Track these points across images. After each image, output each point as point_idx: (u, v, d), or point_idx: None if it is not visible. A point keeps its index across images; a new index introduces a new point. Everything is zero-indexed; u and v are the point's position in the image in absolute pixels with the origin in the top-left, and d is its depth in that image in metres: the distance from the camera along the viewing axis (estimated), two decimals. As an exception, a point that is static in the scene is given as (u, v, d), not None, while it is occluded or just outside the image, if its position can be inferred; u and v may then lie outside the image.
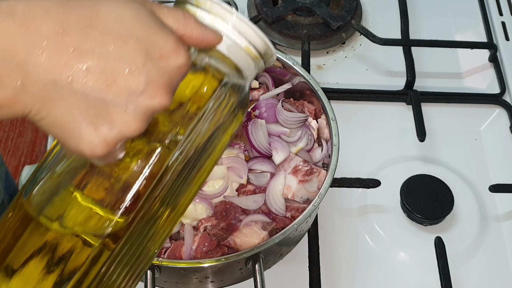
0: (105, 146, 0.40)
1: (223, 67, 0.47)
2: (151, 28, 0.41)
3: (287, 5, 1.02)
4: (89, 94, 0.39)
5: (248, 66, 0.49)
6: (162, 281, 0.70)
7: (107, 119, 0.39)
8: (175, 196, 0.48)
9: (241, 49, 0.48)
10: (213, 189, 0.71)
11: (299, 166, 0.74)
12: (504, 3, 1.09)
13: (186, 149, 0.47)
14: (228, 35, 0.47)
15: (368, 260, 0.80)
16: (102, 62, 0.39)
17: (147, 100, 0.40)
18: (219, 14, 0.47)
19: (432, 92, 0.96)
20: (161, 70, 0.40)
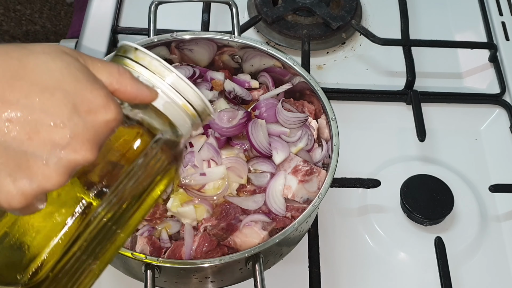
0: (22, 199, 0.39)
1: (157, 123, 0.47)
2: (80, 82, 0.40)
3: (287, 5, 1.02)
4: (10, 145, 0.38)
5: (184, 123, 0.49)
6: (162, 281, 0.70)
7: (27, 171, 0.39)
8: (99, 248, 0.47)
9: (178, 107, 0.48)
10: (214, 189, 0.71)
11: (299, 166, 0.74)
12: (504, 3, 1.09)
13: (113, 202, 0.46)
14: (165, 92, 0.47)
15: (368, 260, 0.80)
16: (26, 114, 0.38)
17: (70, 154, 0.39)
18: (158, 71, 0.47)
19: (432, 92, 0.96)
20: (87, 125, 0.40)
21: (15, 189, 0.39)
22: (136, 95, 0.44)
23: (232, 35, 0.81)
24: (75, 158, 0.40)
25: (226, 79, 0.82)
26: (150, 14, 0.82)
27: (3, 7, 2.06)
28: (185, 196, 0.71)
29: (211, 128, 0.75)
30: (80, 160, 0.40)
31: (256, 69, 0.85)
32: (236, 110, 0.77)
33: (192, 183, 0.71)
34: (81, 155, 0.40)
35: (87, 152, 0.40)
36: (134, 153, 0.46)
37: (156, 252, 0.69)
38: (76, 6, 1.34)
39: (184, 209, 0.70)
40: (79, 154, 0.40)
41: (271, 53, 0.80)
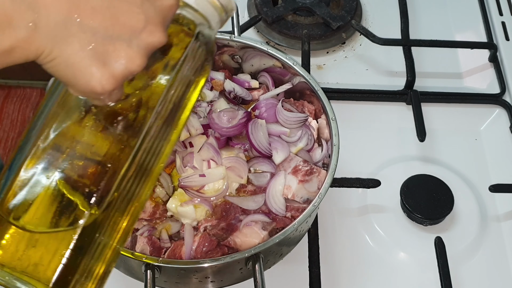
0: (113, 81, 0.42)
1: (194, 18, 0.51)
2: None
3: (287, 5, 1.02)
4: (97, 32, 0.41)
5: (213, 17, 0.53)
6: (162, 281, 0.70)
7: (114, 55, 0.42)
8: (160, 138, 0.51)
9: (207, 1, 0.52)
10: (214, 190, 0.71)
11: (299, 166, 0.74)
12: (504, 3, 1.09)
13: (171, 91, 0.50)
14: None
15: (368, 260, 0.80)
16: (106, 2, 0.42)
17: (147, 36, 0.43)
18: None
19: (432, 92, 0.96)
20: (157, 9, 0.44)
21: (106, 72, 0.42)
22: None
23: (232, 35, 0.81)
24: (152, 40, 0.44)
25: (226, 79, 0.82)
26: (150, 14, 0.82)
27: (3, 7, 2.06)
28: (185, 196, 0.71)
29: (211, 128, 0.75)
30: (156, 42, 0.44)
31: (256, 69, 0.85)
32: (236, 110, 0.77)
33: (192, 184, 0.71)
34: (157, 37, 0.44)
35: (161, 34, 0.44)
36: (182, 45, 0.50)
37: (156, 252, 0.69)
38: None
39: (184, 209, 0.70)
40: (155, 36, 0.44)
41: (271, 53, 0.80)
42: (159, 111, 0.49)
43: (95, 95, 0.43)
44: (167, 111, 0.50)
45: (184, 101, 0.52)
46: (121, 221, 0.50)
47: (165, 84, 0.49)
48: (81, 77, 0.42)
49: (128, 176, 0.48)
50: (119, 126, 0.48)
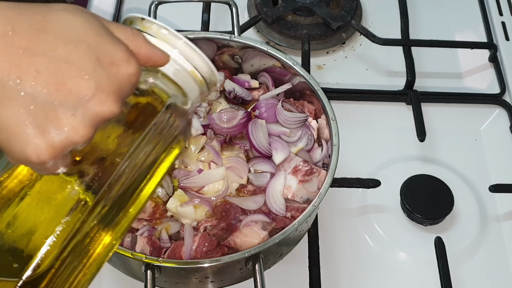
0: (51, 150, 0.39)
1: (168, 89, 0.48)
2: (102, 36, 0.41)
3: (287, 5, 1.02)
4: (38, 96, 0.38)
5: (193, 90, 0.50)
6: (162, 281, 0.70)
7: (55, 123, 0.39)
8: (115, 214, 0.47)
9: (187, 73, 0.48)
10: (213, 190, 0.71)
11: (299, 166, 0.74)
12: (504, 3, 1.09)
13: (127, 169, 0.46)
14: (174, 59, 0.48)
15: (368, 260, 0.80)
16: (53, 65, 0.38)
17: (96, 106, 0.40)
18: (166, 38, 0.47)
19: (432, 92, 0.96)
20: (111, 77, 0.40)
21: (44, 140, 0.38)
22: (150, 56, 0.45)
23: (232, 35, 0.82)
24: (101, 110, 0.40)
25: (226, 79, 0.82)
26: (150, 14, 0.82)
27: (3, 7, 2.06)
28: (185, 197, 0.71)
29: (211, 128, 0.75)
30: (106, 112, 0.40)
31: (256, 69, 0.85)
32: (236, 110, 0.77)
33: (192, 185, 0.71)
34: (107, 107, 0.40)
35: (112, 104, 0.40)
36: (147, 118, 0.47)
37: (156, 252, 0.69)
38: (76, 6, 1.34)
39: (184, 209, 0.70)
40: (104, 106, 0.40)
41: (271, 53, 0.80)
42: (118, 178, 0.46)
43: (31, 164, 0.40)
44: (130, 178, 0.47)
45: (151, 171, 0.49)
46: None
47: (125, 151, 0.46)
48: (16, 144, 0.38)
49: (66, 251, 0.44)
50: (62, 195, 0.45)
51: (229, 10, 0.84)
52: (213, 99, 0.80)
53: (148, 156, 0.47)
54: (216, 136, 0.75)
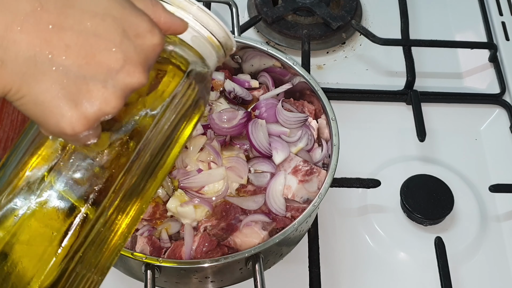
0: (85, 122, 0.40)
1: (188, 55, 0.49)
2: (126, 9, 0.41)
3: (287, 5, 1.02)
4: (69, 70, 0.39)
5: (210, 55, 0.51)
6: (162, 281, 0.70)
7: (87, 95, 0.40)
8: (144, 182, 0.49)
9: (204, 39, 0.50)
10: (213, 191, 0.71)
11: (299, 166, 0.74)
12: (504, 3, 1.09)
13: (158, 129, 0.47)
14: (191, 25, 0.48)
15: (368, 260, 0.80)
16: (81, 39, 0.39)
17: (125, 77, 0.41)
18: (181, 5, 0.48)
19: (432, 92, 0.96)
20: (137, 48, 0.41)
21: (77, 113, 0.39)
22: (169, 25, 0.45)
23: (232, 35, 0.81)
24: (130, 81, 0.41)
25: (226, 79, 0.82)
26: (150, 14, 0.82)
27: (3, 7, 2.06)
28: (185, 197, 0.71)
29: (211, 128, 0.75)
30: (135, 83, 0.41)
31: (256, 69, 0.85)
32: (236, 110, 0.77)
33: (192, 185, 0.71)
34: (136, 78, 0.41)
35: (140, 75, 0.41)
36: (171, 84, 0.48)
37: (156, 252, 0.69)
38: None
39: (184, 209, 0.70)
40: (133, 77, 0.41)
41: (271, 53, 0.80)
42: (145, 146, 0.47)
43: (66, 136, 0.41)
44: (156, 145, 0.48)
45: (175, 137, 0.50)
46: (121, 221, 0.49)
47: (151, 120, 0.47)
48: (51, 117, 0.39)
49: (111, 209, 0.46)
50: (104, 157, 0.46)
51: (229, 10, 0.84)
52: (213, 99, 0.80)
53: (172, 122, 0.48)
54: (216, 136, 0.75)
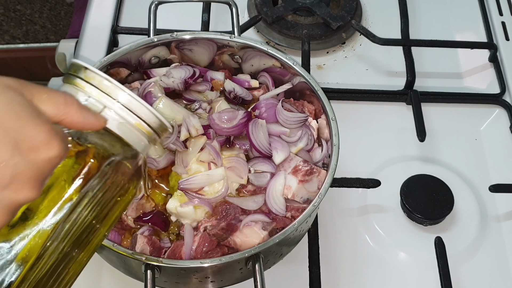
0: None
1: (110, 145, 0.47)
2: (22, 119, 0.40)
3: (287, 5, 1.02)
4: None
5: (139, 141, 0.49)
6: (162, 281, 0.70)
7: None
8: (59, 273, 0.48)
9: (132, 126, 0.48)
10: (214, 191, 0.71)
11: (299, 166, 0.74)
12: (504, 3, 1.09)
13: (70, 226, 0.46)
14: (118, 112, 0.47)
15: (368, 260, 0.80)
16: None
17: (11, 194, 0.39)
18: (109, 90, 0.47)
19: (432, 92, 0.96)
20: (29, 163, 0.40)
21: None
22: (83, 124, 0.44)
23: (232, 35, 0.81)
24: (17, 198, 0.40)
25: (226, 79, 0.82)
26: (150, 14, 0.82)
27: (3, 7, 2.06)
28: (184, 197, 0.71)
29: (212, 128, 0.75)
30: (22, 200, 0.40)
31: (256, 69, 0.85)
32: (236, 110, 0.77)
33: (192, 186, 0.71)
34: (23, 195, 0.40)
35: (29, 191, 0.40)
36: (87, 176, 0.46)
37: (156, 252, 0.69)
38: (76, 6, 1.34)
39: (183, 210, 0.70)
40: (21, 193, 0.40)
41: (271, 53, 0.80)
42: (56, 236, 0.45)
43: None
44: (71, 237, 0.46)
45: (96, 226, 0.49)
46: None
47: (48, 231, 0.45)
48: None
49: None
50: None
51: (229, 10, 0.84)
52: (213, 98, 0.80)
53: (92, 210, 0.47)
54: (216, 136, 0.75)
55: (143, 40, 0.80)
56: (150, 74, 0.83)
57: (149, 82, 0.79)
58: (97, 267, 0.77)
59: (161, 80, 0.80)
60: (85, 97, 0.47)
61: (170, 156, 0.75)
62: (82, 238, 0.48)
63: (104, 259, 0.75)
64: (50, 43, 1.93)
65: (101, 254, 0.75)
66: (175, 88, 0.80)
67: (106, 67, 0.78)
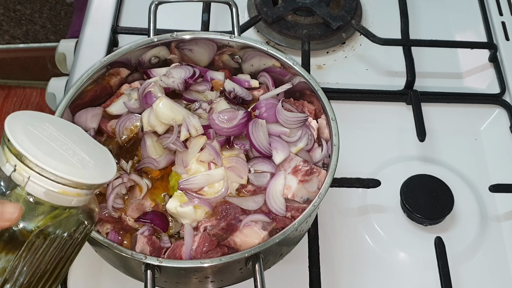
0: None
1: (37, 215, 0.50)
2: None
3: (287, 5, 1.02)
4: None
5: (69, 201, 0.52)
6: (162, 281, 0.70)
7: None
8: None
9: (56, 193, 0.51)
10: (214, 191, 0.71)
11: (299, 166, 0.74)
12: (504, 3, 1.09)
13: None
14: (41, 184, 0.50)
15: (368, 260, 0.80)
16: None
17: None
18: (28, 163, 0.49)
19: (432, 92, 0.96)
20: None
21: None
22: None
23: (232, 35, 0.81)
24: None
25: (226, 79, 0.82)
26: (150, 14, 0.82)
27: (3, 7, 2.06)
28: (184, 197, 0.71)
29: (212, 128, 0.75)
30: None
31: (256, 69, 0.85)
32: (236, 110, 0.77)
33: (191, 187, 0.71)
34: None
35: None
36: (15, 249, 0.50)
37: (156, 252, 0.69)
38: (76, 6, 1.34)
39: (183, 210, 0.70)
40: None
41: (271, 53, 0.80)
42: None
43: None
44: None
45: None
46: None
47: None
48: None
49: None
50: None
51: (229, 10, 0.84)
52: (213, 99, 0.80)
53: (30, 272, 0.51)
54: (216, 136, 0.75)
55: (143, 40, 0.80)
56: (150, 74, 0.83)
57: (149, 82, 0.79)
58: (97, 267, 0.77)
59: (161, 80, 0.80)
60: (11, 168, 0.50)
61: (170, 156, 0.75)
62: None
63: (104, 259, 0.75)
64: (50, 43, 1.93)
65: (101, 254, 0.75)
66: (175, 88, 0.80)
67: (106, 67, 0.78)
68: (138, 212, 0.72)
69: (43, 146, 0.51)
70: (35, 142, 0.51)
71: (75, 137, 0.58)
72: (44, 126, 0.54)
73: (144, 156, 0.75)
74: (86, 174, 0.52)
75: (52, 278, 0.54)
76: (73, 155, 0.54)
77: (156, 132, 0.76)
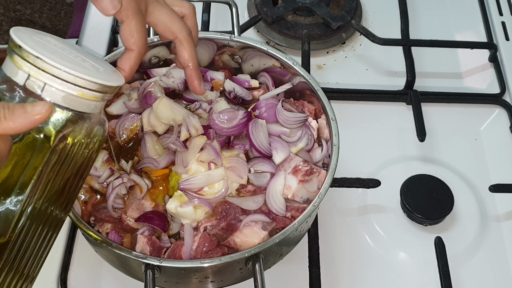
0: None
1: (58, 119, 0.49)
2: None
3: (287, 5, 1.02)
4: None
5: (88, 106, 0.51)
6: (162, 281, 0.70)
7: None
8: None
9: (75, 96, 0.49)
10: (214, 191, 0.71)
11: (299, 166, 0.74)
12: (504, 3, 1.09)
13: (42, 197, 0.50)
14: (58, 87, 0.48)
15: (368, 260, 0.80)
16: None
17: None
18: (45, 68, 0.48)
19: (432, 92, 0.96)
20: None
21: None
22: (29, 125, 0.47)
23: (232, 35, 0.81)
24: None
25: (226, 79, 0.82)
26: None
27: (3, 7, 2.06)
28: (184, 197, 0.71)
29: (212, 128, 0.75)
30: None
31: (256, 69, 0.85)
32: (236, 110, 0.77)
33: (191, 187, 0.71)
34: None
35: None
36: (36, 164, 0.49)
37: (156, 252, 0.69)
38: (76, 6, 1.34)
39: (183, 210, 0.70)
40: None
41: (271, 53, 0.80)
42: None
43: None
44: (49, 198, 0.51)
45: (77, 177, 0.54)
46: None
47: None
48: None
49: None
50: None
51: (229, 10, 0.84)
52: (213, 99, 0.80)
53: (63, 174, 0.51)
54: (216, 136, 0.75)
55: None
56: (150, 74, 0.83)
57: (149, 82, 0.79)
58: (97, 267, 0.77)
59: (161, 80, 0.80)
60: (25, 76, 0.48)
61: (170, 156, 0.75)
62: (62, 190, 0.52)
63: (104, 259, 0.75)
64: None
65: (101, 254, 0.75)
66: (175, 88, 0.80)
67: (106, 67, 0.78)
68: (138, 212, 0.72)
69: (54, 52, 0.49)
70: (46, 49, 0.49)
71: (78, 49, 0.57)
72: (47, 38, 0.53)
73: (144, 156, 0.75)
74: (103, 76, 0.51)
75: (70, 190, 0.54)
76: (83, 62, 0.52)
77: (156, 132, 0.76)
